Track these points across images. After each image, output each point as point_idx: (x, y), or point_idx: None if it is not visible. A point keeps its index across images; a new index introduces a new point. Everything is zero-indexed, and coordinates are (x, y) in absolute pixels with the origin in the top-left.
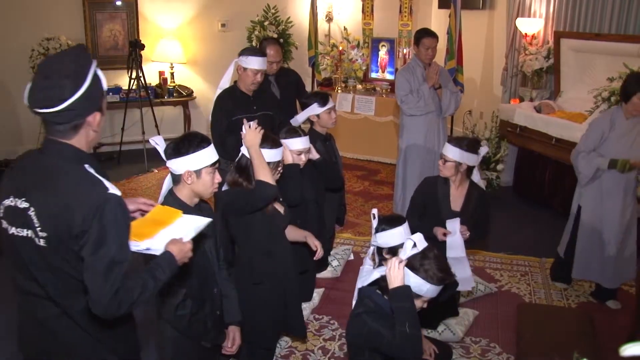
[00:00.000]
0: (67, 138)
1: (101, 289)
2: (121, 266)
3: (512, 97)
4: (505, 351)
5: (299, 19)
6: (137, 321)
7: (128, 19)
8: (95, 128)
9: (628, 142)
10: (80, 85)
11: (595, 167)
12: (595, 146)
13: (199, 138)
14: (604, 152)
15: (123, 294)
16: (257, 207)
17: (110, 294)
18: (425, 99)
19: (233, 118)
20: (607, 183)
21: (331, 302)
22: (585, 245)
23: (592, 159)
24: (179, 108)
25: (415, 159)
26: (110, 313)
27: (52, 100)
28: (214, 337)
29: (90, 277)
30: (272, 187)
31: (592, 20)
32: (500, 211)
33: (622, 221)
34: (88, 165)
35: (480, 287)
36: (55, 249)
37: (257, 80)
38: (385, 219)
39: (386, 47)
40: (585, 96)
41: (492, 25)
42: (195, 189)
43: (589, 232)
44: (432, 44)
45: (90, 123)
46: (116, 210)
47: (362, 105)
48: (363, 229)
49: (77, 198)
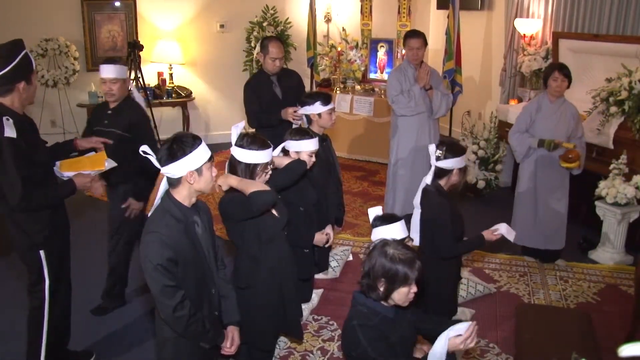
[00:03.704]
0: (1, 97)
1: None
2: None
3: (511, 97)
4: (504, 351)
5: (298, 20)
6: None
7: (127, 19)
8: (21, 93)
9: (552, 123)
10: (9, 63)
11: (527, 146)
12: (527, 127)
13: (190, 137)
14: (534, 132)
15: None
16: (253, 214)
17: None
18: (416, 100)
19: (94, 128)
20: (536, 156)
21: (330, 302)
22: (521, 213)
23: (525, 138)
24: (177, 109)
25: (407, 159)
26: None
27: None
28: (213, 337)
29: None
30: (268, 192)
31: (590, 21)
32: (499, 211)
33: (553, 189)
34: (7, 117)
35: (479, 287)
36: None
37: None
38: (381, 218)
39: (385, 48)
40: (584, 97)
41: (490, 26)
42: (197, 188)
43: (525, 200)
44: (417, 44)
45: (18, 89)
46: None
47: (361, 106)
48: (362, 229)
49: None
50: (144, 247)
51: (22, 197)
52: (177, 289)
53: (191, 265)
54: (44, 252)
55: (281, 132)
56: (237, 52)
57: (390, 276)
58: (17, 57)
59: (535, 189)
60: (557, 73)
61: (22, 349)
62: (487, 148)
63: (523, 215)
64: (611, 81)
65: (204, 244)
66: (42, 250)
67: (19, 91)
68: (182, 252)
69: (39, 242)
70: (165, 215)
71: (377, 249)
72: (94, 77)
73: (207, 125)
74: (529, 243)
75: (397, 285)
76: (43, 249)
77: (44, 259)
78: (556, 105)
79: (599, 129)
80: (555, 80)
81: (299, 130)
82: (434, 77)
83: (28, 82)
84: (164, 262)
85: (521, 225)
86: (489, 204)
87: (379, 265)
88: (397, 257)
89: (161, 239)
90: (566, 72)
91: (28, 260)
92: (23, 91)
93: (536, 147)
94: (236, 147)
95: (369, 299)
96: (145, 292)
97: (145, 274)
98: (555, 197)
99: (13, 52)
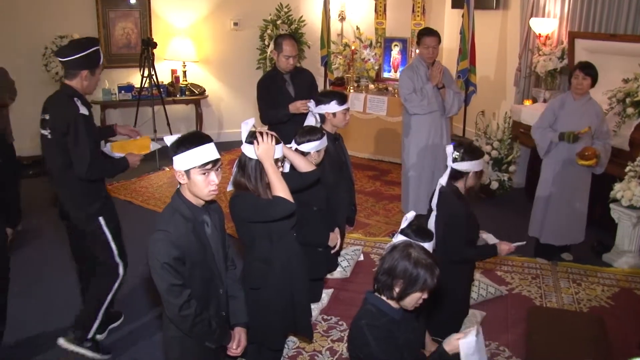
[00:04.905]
0: (69, 80)
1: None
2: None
3: (525, 98)
4: (515, 355)
5: (312, 18)
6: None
7: (141, 17)
8: (84, 80)
9: (575, 120)
10: (79, 52)
11: (548, 140)
12: (550, 123)
13: (189, 139)
14: (556, 128)
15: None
16: (268, 220)
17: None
18: (429, 98)
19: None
20: (564, 155)
21: (340, 302)
22: (540, 206)
23: (546, 133)
24: (191, 106)
25: (419, 158)
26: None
27: (61, 55)
28: (219, 338)
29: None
30: (291, 204)
31: (607, 20)
32: (512, 213)
33: (573, 186)
34: (77, 98)
35: (490, 289)
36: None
37: None
38: (416, 228)
39: (399, 47)
40: (600, 97)
41: (505, 26)
42: (190, 189)
43: (545, 195)
44: (432, 42)
45: (81, 75)
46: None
47: (374, 105)
48: (374, 229)
49: (61, 113)
50: (151, 245)
51: (89, 166)
52: (184, 287)
53: (199, 264)
54: (104, 219)
55: (290, 129)
56: (251, 50)
57: (411, 279)
58: (88, 50)
59: (557, 187)
60: (578, 71)
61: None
62: (501, 148)
63: (542, 212)
64: (628, 82)
65: (213, 244)
66: (101, 217)
67: (82, 78)
68: (190, 251)
69: (97, 210)
70: (175, 214)
71: (399, 249)
72: (107, 74)
73: (220, 123)
74: (546, 239)
75: (414, 290)
76: (102, 216)
77: (104, 225)
78: (580, 103)
79: (615, 130)
80: (576, 77)
81: (309, 129)
82: (447, 75)
83: (91, 73)
84: (170, 261)
85: (540, 221)
86: (501, 205)
87: (401, 266)
88: (420, 261)
89: (168, 237)
90: (588, 70)
91: (89, 229)
92: (85, 79)
93: (557, 140)
94: (246, 145)
95: (379, 298)
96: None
97: (152, 272)
98: (577, 197)
99: (86, 45)
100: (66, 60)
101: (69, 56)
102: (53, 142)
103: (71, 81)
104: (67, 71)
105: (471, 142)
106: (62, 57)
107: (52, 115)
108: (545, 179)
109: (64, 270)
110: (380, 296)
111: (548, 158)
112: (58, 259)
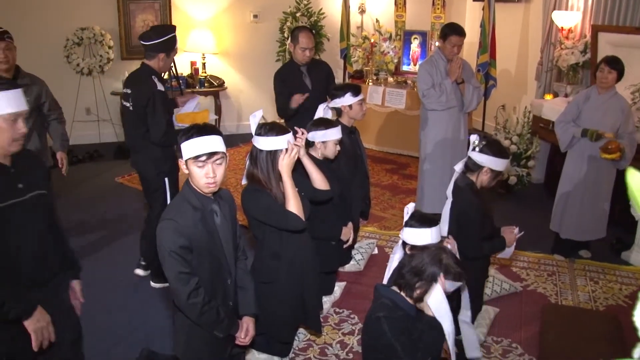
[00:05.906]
0: (148, 60)
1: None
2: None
3: (547, 92)
4: (528, 353)
5: (331, 11)
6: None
7: (161, 9)
8: (160, 61)
9: (599, 115)
10: (159, 38)
11: (570, 135)
12: (574, 117)
13: (192, 130)
14: (580, 122)
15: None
16: (278, 227)
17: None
18: (448, 94)
19: None
20: (588, 150)
21: (353, 296)
22: (562, 201)
23: (569, 127)
24: (210, 98)
25: (435, 153)
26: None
27: (145, 39)
28: (227, 327)
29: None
30: (302, 222)
31: (632, 13)
32: (530, 208)
33: (597, 181)
34: (154, 76)
35: (504, 285)
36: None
37: None
38: (418, 216)
39: (418, 40)
40: (623, 92)
41: (527, 19)
42: (191, 179)
43: (567, 191)
44: (460, 42)
45: (159, 57)
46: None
47: (393, 98)
48: (389, 222)
49: (141, 89)
50: (159, 233)
51: (164, 134)
52: (192, 275)
53: (206, 254)
54: (168, 180)
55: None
56: (270, 43)
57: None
58: (166, 36)
59: (580, 183)
60: (604, 64)
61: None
62: (520, 143)
63: (564, 206)
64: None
65: (222, 234)
66: (167, 178)
67: (159, 59)
68: (197, 240)
69: (166, 170)
70: (184, 203)
71: (430, 252)
72: (128, 66)
73: (239, 115)
74: (566, 234)
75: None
76: (168, 177)
77: (167, 186)
78: (604, 97)
79: (638, 126)
80: (602, 71)
81: (322, 120)
82: (466, 69)
83: (167, 56)
84: (177, 249)
85: (561, 215)
86: (520, 201)
87: (430, 271)
88: (450, 270)
89: (175, 226)
90: (614, 65)
91: (154, 186)
92: (162, 60)
93: (579, 136)
94: (256, 137)
95: (396, 293)
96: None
97: (160, 260)
98: (601, 193)
99: (165, 31)
100: (148, 44)
101: (151, 40)
102: (134, 113)
103: (150, 61)
104: (147, 53)
105: (499, 141)
106: (145, 40)
107: (133, 90)
108: (568, 174)
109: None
110: (399, 292)
111: (572, 152)
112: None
